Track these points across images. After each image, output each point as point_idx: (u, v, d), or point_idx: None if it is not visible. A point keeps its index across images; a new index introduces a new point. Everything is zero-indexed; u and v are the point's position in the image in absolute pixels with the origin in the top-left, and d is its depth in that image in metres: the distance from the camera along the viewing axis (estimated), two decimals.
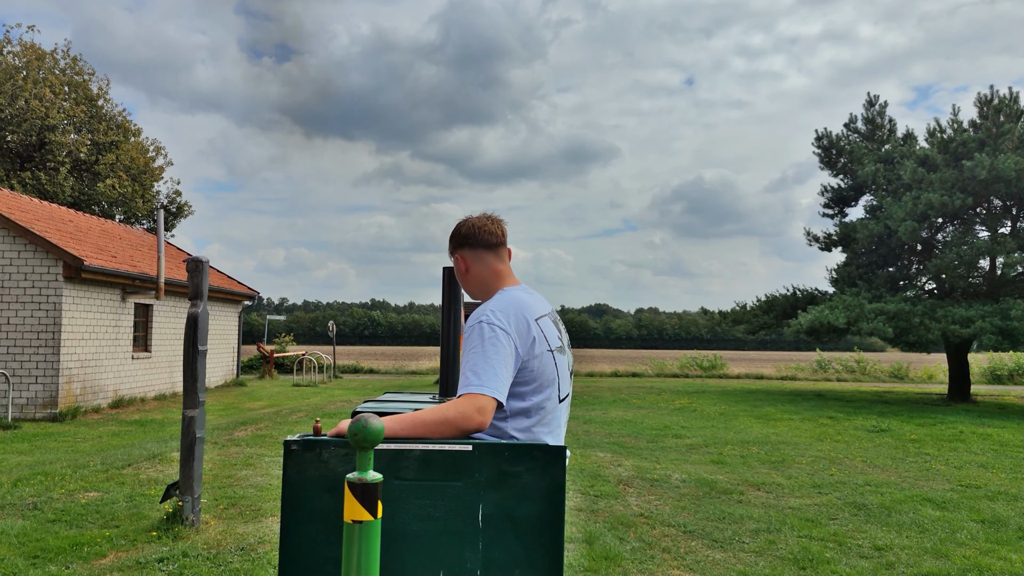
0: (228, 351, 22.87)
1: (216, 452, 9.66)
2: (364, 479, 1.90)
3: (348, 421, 2.14)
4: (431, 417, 2.25)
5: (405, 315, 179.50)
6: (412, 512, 2.18)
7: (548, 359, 2.50)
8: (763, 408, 17.11)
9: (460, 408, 2.26)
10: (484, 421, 2.27)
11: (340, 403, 17.40)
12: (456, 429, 2.25)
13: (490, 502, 2.20)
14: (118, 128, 27.46)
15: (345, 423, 2.21)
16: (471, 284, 2.76)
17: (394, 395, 3.76)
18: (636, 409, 16.59)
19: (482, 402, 2.28)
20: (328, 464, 2.20)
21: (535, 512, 2.20)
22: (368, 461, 1.93)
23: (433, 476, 2.19)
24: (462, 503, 2.19)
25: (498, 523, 2.19)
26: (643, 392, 21.84)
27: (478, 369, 2.34)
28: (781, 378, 32.84)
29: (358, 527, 1.89)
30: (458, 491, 2.19)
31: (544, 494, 2.21)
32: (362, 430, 1.88)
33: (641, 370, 34.28)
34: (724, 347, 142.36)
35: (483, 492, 2.20)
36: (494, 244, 2.71)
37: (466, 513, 2.19)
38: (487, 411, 2.28)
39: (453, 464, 2.20)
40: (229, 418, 14.30)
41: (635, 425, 13.51)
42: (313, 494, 2.19)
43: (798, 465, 9.51)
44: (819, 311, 18.00)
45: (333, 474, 2.19)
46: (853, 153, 21.36)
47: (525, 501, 2.20)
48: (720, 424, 13.98)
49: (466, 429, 2.25)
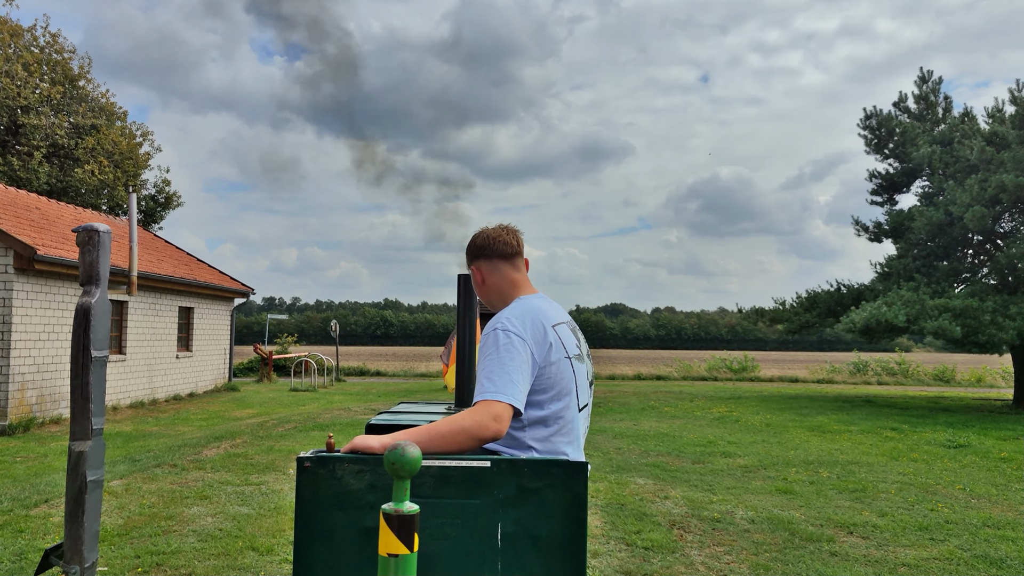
0: (219, 353, 21.28)
1: (170, 479, 8.03)
2: (401, 511, 1.81)
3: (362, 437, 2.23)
4: (447, 427, 2.20)
5: (418, 315, 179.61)
6: (429, 531, 2.12)
7: (566, 366, 2.45)
8: (813, 417, 15.37)
9: (476, 416, 2.21)
10: (501, 429, 2.22)
11: (337, 411, 15.74)
12: (473, 438, 2.20)
13: (509, 520, 2.14)
14: (100, 111, 25.76)
15: (360, 439, 2.22)
16: (488, 295, 2.74)
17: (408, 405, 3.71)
18: (670, 419, 14.86)
19: (498, 409, 2.22)
20: (342, 482, 2.15)
21: (556, 530, 2.14)
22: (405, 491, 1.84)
23: (450, 494, 2.14)
24: (480, 522, 2.13)
25: (518, 542, 2.14)
26: (672, 398, 20.09)
27: (493, 376, 2.30)
28: (818, 381, 31.01)
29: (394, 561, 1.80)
30: (476, 509, 2.15)
31: (565, 511, 2.15)
32: (400, 459, 1.80)
33: (665, 372, 32.52)
34: (745, 347, 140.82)
35: (502, 510, 2.14)
36: (509, 254, 2.70)
37: (484, 532, 2.13)
38: (503, 419, 2.22)
39: (471, 481, 2.15)
40: (207, 430, 12.70)
41: (673, 440, 11.80)
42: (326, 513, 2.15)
43: (886, 496, 7.80)
44: (875, 307, 16.19)
45: (347, 492, 2.15)
46: (906, 134, 19.52)
47: (546, 519, 2.14)
48: (771, 438, 12.27)
49: (483, 437, 2.20)
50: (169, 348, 17.96)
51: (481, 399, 2.27)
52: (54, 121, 23.93)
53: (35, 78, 23.48)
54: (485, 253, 2.71)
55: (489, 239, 2.71)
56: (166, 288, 17.49)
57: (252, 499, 7.15)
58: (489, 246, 2.70)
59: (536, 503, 2.16)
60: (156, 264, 17.47)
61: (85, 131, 24.92)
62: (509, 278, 2.69)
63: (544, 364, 2.41)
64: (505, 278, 2.69)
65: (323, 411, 15.82)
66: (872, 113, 20.29)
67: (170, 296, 17.92)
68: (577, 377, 2.52)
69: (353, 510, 2.15)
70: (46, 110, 23.76)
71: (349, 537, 2.15)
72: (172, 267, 18.35)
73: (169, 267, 18.13)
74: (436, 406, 3.71)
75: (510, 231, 2.74)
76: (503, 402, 2.25)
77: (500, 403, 2.24)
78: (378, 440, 2.24)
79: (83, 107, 25.32)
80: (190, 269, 19.66)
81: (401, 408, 3.59)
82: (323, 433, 12.06)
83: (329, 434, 2.35)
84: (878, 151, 20.78)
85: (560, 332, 2.52)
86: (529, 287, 2.72)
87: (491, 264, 2.71)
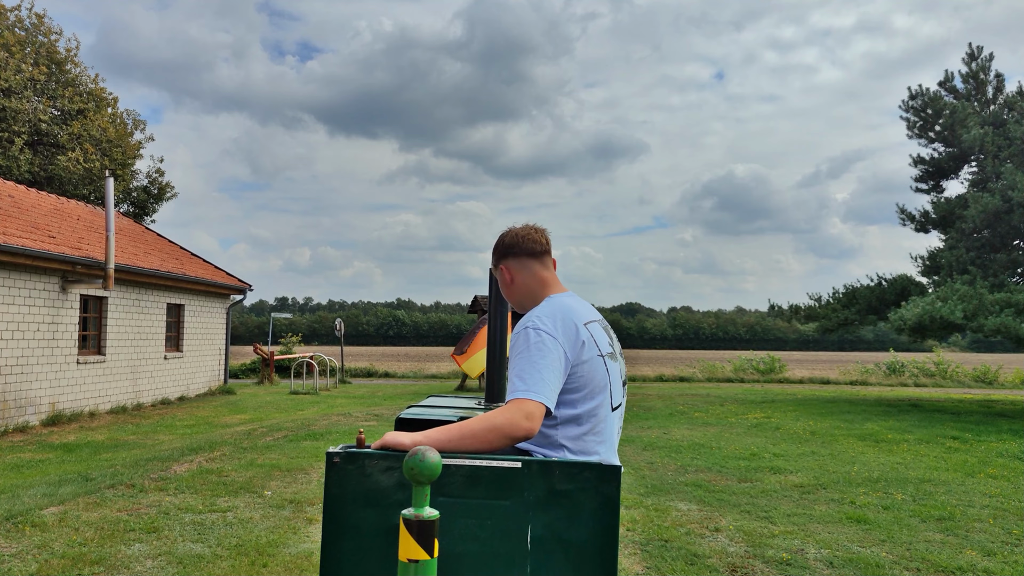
0: (213, 353, 20.09)
1: (120, 504, 6.83)
2: (420, 516, 1.82)
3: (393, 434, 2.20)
4: (479, 426, 2.19)
5: (431, 314, 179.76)
6: (457, 531, 2.10)
7: (598, 364, 2.43)
8: (860, 424, 14.04)
9: (508, 415, 2.19)
10: (533, 428, 2.20)
11: (336, 417, 14.51)
12: (505, 437, 2.18)
13: (539, 523, 2.10)
14: (88, 96, 24.48)
15: (390, 435, 2.21)
16: (517, 294, 2.72)
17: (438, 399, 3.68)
18: (703, 426, 13.56)
19: (530, 408, 2.21)
20: (371, 478, 2.14)
21: (587, 535, 2.10)
22: (425, 497, 1.85)
23: (479, 494, 2.12)
24: (510, 523, 2.11)
25: (548, 546, 2.10)
26: (701, 402, 18.76)
27: (524, 375, 2.29)
28: (851, 383, 29.58)
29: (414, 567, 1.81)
30: (506, 510, 2.11)
31: (597, 516, 2.10)
32: (419, 464, 1.81)
33: (688, 373, 31.18)
34: (764, 347, 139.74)
35: (532, 512, 2.11)
36: (539, 252, 2.69)
37: (514, 534, 2.10)
38: (535, 417, 2.21)
39: (501, 482, 2.12)
40: (187, 439, 11.52)
41: (711, 452, 10.50)
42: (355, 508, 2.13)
43: (980, 524, 6.54)
44: (928, 303, 14.80)
45: (376, 489, 2.13)
46: (954, 115, 18.10)
47: (577, 523, 2.10)
48: (820, 449, 10.97)
49: (515, 436, 2.18)
50: (156, 348, 16.78)
51: (513, 398, 2.25)
52: (37, 106, 22.67)
53: (17, 60, 22.18)
54: (514, 252, 2.68)
55: (518, 237, 2.68)
56: (153, 283, 16.31)
57: (211, 532, 5.91)
58: (518, 244, 2.68)
59: (567, 506, 2.11)
60: (142, 258, 16.29)
61: (71, 116, 23.66)
62: (539, 277, 2.67)
63: (576, 362, 2.37)
64: (535, 277, 2.67)
65: (321, 417, 14.59)
66: (917, 93, 18.88)
67: (157, 292, 16.75)
68: (611, 376, 2.48)
69: (382, 507, 2.13)
70: (29, 94, 22.45)
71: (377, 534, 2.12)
72: (160, 261, 17.16)
73: (156, 261, 16.94)
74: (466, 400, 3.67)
75: (538, 230, 2.72)
76: (535, 400, 2.22)
77: (532, 401, 2.22)
78: (409, 437, 2.19)
79: (69, 91, 24.10)
80: (180, 263, 18.47)
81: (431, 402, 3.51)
82: (314, 444, 10.84)
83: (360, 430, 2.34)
84: (923, 134, 19.38)
85: (592, 330, 2.49)
86: (559, 286, 2.69)
87: (520, 263, 2.68)
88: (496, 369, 3.88)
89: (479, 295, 21.49)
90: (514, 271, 2.69)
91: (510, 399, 2.26)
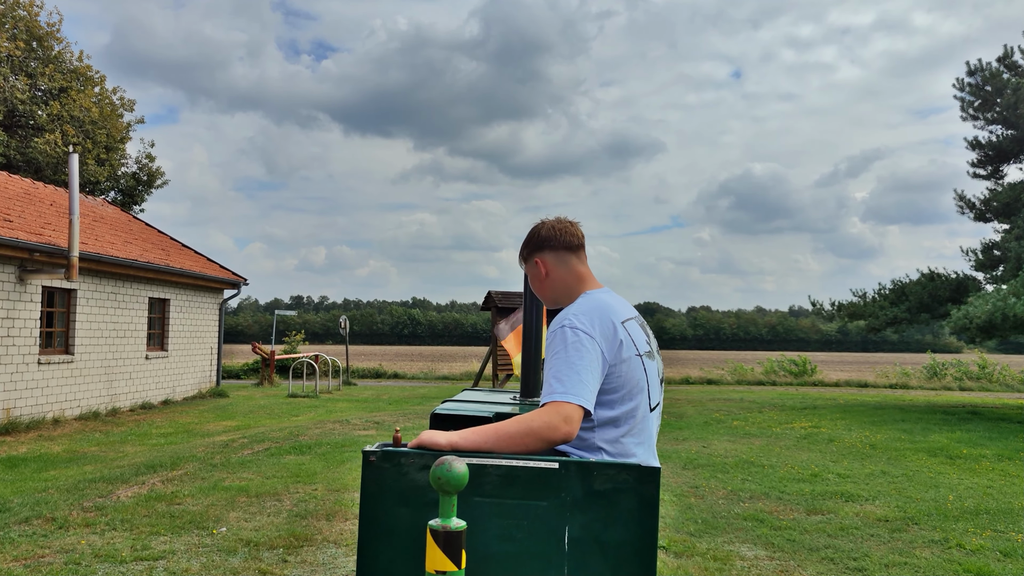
0: (204, 353, 18.67)
1: (23, 547, 5.42)
2: (448, 527, 1.80)
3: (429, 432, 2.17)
4: (515, 428, 2.15)
5: (446, 313, 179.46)
6: (493, 532, 2.08)
7: (636, 364, 2.36)
8: (922, 435, 12.48)
9: (545, 418, 2.14)
10: (571, 431, 2.15)
11: (332, 424, 13.04)
12: (542, 440, 2.14)
13: (577, 524, 2.07)
14: (71, 74, 22.97)
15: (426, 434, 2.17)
16: (551, 289, 2.64)
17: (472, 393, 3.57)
18: (745, 438, 12.01)
19: (568, 411, 2.15)
20: (407, 477, 2.12)
21: (626, 537, 2.05)
22: (452, 507, 1.83)
23: (516, 494, 2.09)
24: (547, 524, 2.07)
25: (585, 547, 2.06)
26: (736, 408, 17.17)
27: (562, 376, 2.22)
28: (890, 386, 27.86)
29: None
30: (543, 511, 2.07)
31: (636, 518, 2.05)
32: (446, 474, 1.78)
33: (716, 375, 29.56)
34: (786, 347, 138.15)
35: (569, 513, 2.07)
36: (576, 246, 2.62)
37: (551, 535, 2.06)
38: (574, 420, 2.15)
39: (538, 482, 2.08)
40: (155, 452, 10.13)
41: (764, 472, 8.98)
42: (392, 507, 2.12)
43: None
44: (998, 299, 13.15)
45: (413, 487, 2.11)
46: (1019, 92, 16.42)
47: (615, 525, 2.06)
48: (889, 468, 9.46)
49: (552, 440, 2.14)
50: (136, 347, 15.36)
51: (550, 400, 2.19)
52: (14, 84, 21.18)
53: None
54: (551, 244, 2.60)
55: (555, 230, 2.61)
56: (132, 275, 14.90)
57: None
58: (555, 237, 2.59)
59: (605, 508, 2.07)
60: (120, 247, 14.88)
61: (52, 96, 22.22)
62: (576, 271, 2.60)
63: (614, 362, 2.31)
64: (572, 271, 2.60)
65: (315, 424, 13.12)
66: (976, 68, 17.20)
67: (138, 285, 15.33)
68: (648, 375, 2.41)
69: (418, 506, 2.10)
70: (5, 70, 20.85)
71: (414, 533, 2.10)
72: (141, 251, 15.73)
73: (137, 251, 15.51)
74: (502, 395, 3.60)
75: (573, 223, 2.65)
76: (573, 403, 2.16)
77: (570, 404, 2.16)
78: (445, 437, 2.16)
79: (50, 68, 22.54)
80: (166, 254, 17.04)
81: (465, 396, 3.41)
82: (298, 459, 9.39)
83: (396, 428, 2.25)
84: (980, 115, 17.70)
85: (630, 328, 2.42)
86: (595, 281, 2.62)
87: (557, 256, 2.60)
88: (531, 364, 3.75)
89: (493, 291, 20.11)
90: (550, 265, 2.60)
91: (547, 401, 2.19)
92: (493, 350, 20.98)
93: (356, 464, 9.05)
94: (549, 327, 2.42)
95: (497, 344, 20.76)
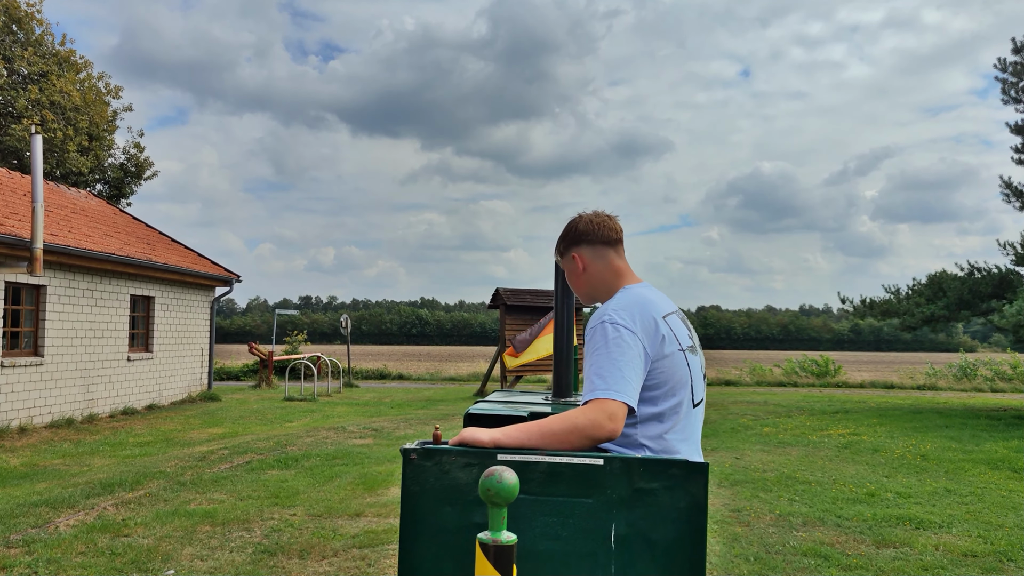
0: (194, 354, 17.58)
1: None
2: (498, 540, 1.71)
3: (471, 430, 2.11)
4: (559, 426, 2.08)
5: (454, 313, 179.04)
6: (538, 530, 2.02)
7: (679, 359, 2.29)
8: (974, 444, 11.33)
9: (590, 415, 2.07)
10: (616, 429, 2.09)
11: (325, 432, 11.95)
12: (587, 438, 2.07)
13: (623, 522, 1.99)
14: (52, 58, 21.86)
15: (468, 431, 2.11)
16: (589, 285, 2.56)
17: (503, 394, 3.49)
18: (780, 447, 10.87)
19: (612, 408, 2.09)
20: (449, 475, 2.06)
21: (674, 535, 1.97)
22: (502, 520, 1.74)
23: (561, 491, 2.02)
24: (593, 522, 2.00)
25: (633, 545, 1.99)
26: (762, 412, 16.01)
27: (604, 373, 2.15)
28: (919, 388, 26.59)
29: None
30: (588, 509, 2.00)
31: (684, 515, 1.97)
32: (496, 486, 1.69)
33: (734, 376, 28.30)
34: (798, 347, 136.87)
35: (616, 511, 2.00)
36: (614, 240, 2.55)
37: (597, 533, 1.99)
38: (618, 418, 2.09)
39: (583, 479, 2.01)
40: (122, 466, 9.13)
41: (812, 490, 7.85)
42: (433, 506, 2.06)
43: None
44: None
45: (454, 486, 2.06)
46: None
47: (663, 522, 1.98)
48: (953, 484, 8.34)
49: (597, 438, 2.07)
50: (116, 348, 14.28)
51: (594, 397, 2.12)
52: None
53: None
54: (588, 238, 2.53)
55: (592, 224, 2.54)
56: (112, 271, 13.83)
57: None
58: (593, 231, 2.53)
59: (652, 505, 1.98)
60: (99, 240, 13.80)
61: (32, 80, 21.09)
62: (614, 266, 2.53)
63: (657, 358, 2.24)
64: (610, 266, 2.53)
65: (307, 432, 12.03)
66: (1023, 46, 15.95)
67: (118, 281, 14.25)
68: (692, 370, 2.34)
69: (460, 505, 2.05)
70: None
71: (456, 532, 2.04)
72: (122, 244, 14.64)
73: (118, 244, 14.43)
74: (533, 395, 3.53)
75: (611, 217, 2.59)
76: (617, 400, 2.10)
77: (614, 401, 2.10)
78: (487, 434, 2.09)
79: (29, 52, 21.34)
80: (151, 248, 15.95)
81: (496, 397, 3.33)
82: (281, 474, 8.31)
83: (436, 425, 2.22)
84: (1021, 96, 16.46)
85: (671, 323, 2.35)
86: (633, 276, 2.55)
87: (595, 250, 2.53)
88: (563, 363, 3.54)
89: (500, 288, 19.02)
90: (588, 260, 2.53)
91: (590, 399, 2.12)
92: (501, 351, 19.95)
93: (345, 481, 7.98)
94: (588, 323, 2.32)
95: (505, 345, 19.71)
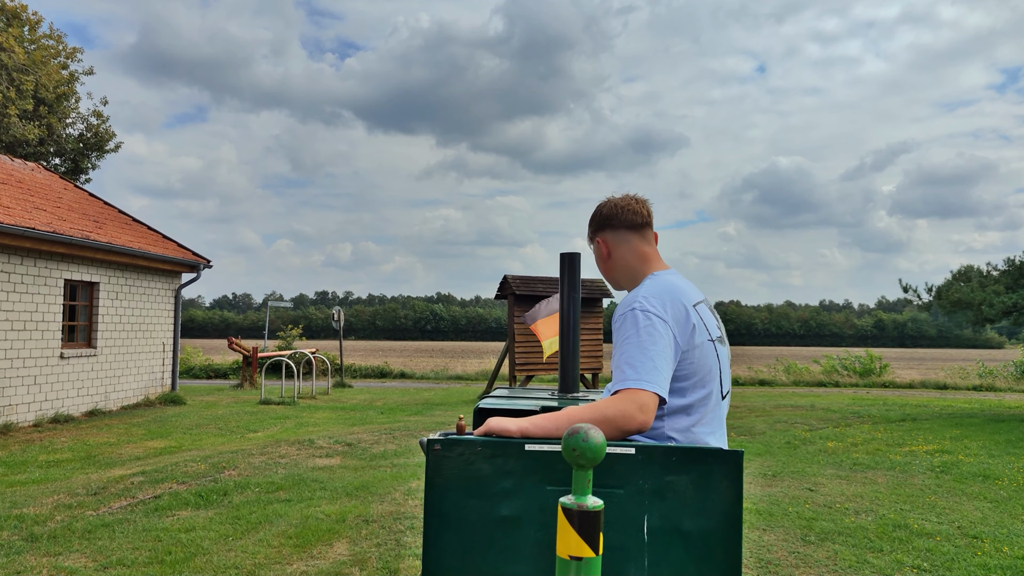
0: (153, 350, 15.27)
1: None
2: (584, 505, 1.57)
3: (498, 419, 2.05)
4: (588, 415, 2.01)
5: (469, 308, 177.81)
6: None
7: (709, 350, 2.23)
8: None
9: (620, 406, 2.00)
10: (647, 420, 2.01)
11: (285, 448, 9.62)
12: (617, 429, 1.99)
13: (656, 513, 1.93)
14: None
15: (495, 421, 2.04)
16: (614, 271, 2.51)
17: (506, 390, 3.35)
18: (859, 470, 8.46)
19: (644, 399, 2.01)
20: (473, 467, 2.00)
21: (709, 526, 1.92)
22: (587, 483, 1.60)
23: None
24: (624, 513, 1.93)
25: (666, 537, 1.93)
26: (814, 419, 13.56)
27: (635, 362, 2.08)
28: (974, 388, 23.99)
29: (575, 565, 1.55)
30: (619, 500, 1.93)
31: (719, 505, 1.92)
32: (581, 445, 1.54)
33: (768, 376, 25.81)
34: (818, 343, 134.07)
35: (648, 501, 1.94)
36: (639, 224, 2.46)
37: (629, 525, 1.93)
38: (650, 409, 2.02)
39: (614, 469, 1.95)
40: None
41: (938, 548, 5.52)
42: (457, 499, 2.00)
43: None
44: None
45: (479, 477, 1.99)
46: None
47: (697, 513, 1.92)
48: None
49: (627, 429, 2.00)
50: (45, 343, 11.95)
51: (623, 387, 2.05)
52: None
53: None
54: (611, 223, 2.47)
55: (616, 207, 2.47)
56: (36, 250, 11.51)
57: None
58: (617, 215, 2.46)
59: (686, 495, 1.93)
60: (19, 214, 11.45)
61: None
62: (639, 251, 2.45)
63: (687, 348, 2.18)
64: (634, 251, 2.45)
65: (263, 448, 9.69)
66: None
67: (47, 263, 11.93)
68: (720, 361, 2.29)
69: (485, 497, 1.99)
70: None
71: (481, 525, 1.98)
72: (53, 218, 12.29)
73: (47, 218, 12.07)
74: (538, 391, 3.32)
75: (639, 200, 2.50)
76: (648, 391, 2.03)
77: (646, 392, 2.02)
78: (515, 423, 2.03)
79: None
80: (98, 226, 13.61)
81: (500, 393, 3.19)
82: (190, 517, 6.00)
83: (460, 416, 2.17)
84: None
85: (701, 312, 2.28)
86: (661, 262, 2.48)
87: (618, 235, 2.46)
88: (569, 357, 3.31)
89: (509, 275, 16.79)
90: (611, 245, 2.47)
91: (620, 388, 2.05)
92: (509, 347, 17.70)
93: (274, 531, 5.66)
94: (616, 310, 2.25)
95: (514, 340, 17.53)
